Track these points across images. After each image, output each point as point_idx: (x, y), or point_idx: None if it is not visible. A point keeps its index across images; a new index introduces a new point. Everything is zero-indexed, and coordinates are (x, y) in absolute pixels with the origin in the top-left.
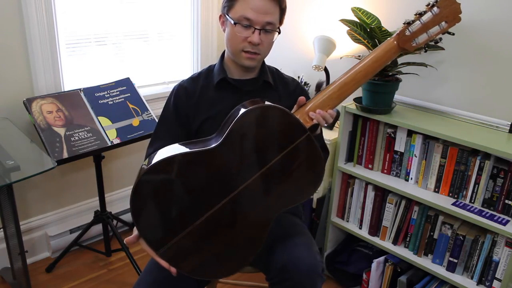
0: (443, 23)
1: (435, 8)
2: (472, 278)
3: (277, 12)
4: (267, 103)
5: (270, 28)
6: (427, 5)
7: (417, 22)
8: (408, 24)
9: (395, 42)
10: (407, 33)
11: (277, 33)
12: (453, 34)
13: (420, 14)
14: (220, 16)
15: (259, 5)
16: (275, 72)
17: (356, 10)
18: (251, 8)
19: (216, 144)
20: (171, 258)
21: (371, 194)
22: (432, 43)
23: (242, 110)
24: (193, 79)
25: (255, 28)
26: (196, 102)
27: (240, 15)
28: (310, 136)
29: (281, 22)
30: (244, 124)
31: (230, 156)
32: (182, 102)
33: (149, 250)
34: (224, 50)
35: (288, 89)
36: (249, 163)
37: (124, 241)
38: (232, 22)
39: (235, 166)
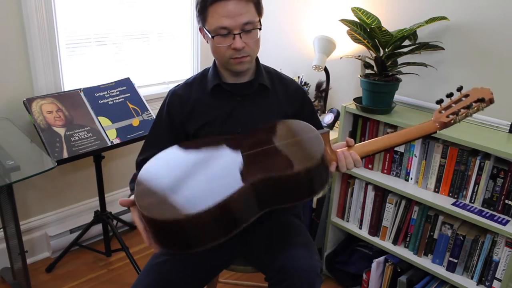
0: (473, 103)
1: (466, 97)
2: (472, 278)
3: (251, 8)
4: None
5: (250, 28)
6: (460, 92)
7: (451, 105)
8: (440, 105)
9: (435, 123)
10: (442, 112)
11: (259, 29)
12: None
13: (451, 99)
14: (200, 29)
15: (230, 10)
16: (274, 73)
17: (356, 10)
18: (224, 16)
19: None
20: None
21: (371, 194)
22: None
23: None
24: (187, 84)
25: (234, 34)
26: (191, 109)
27: (216, 26)
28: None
29: (260, 14)
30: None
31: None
32: (176, 110)
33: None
34: None
35: (288, 91)
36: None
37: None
38: (210, 35)
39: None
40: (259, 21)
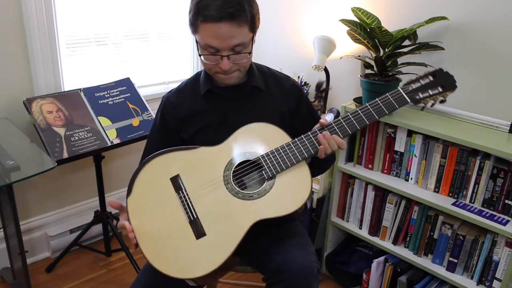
0: (439, 87)
1: (430, 77)
2: (472, 278)
3: (243, 29)
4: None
5: (240, 49)
6: (426, 73)
7: (418, 83)
8: (410, 81)
9: None
10: (410, 88)
11: (248, 53)
12: (445, 101)
13: (420, 77)
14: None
15: (220, 32)
16: (267, 72)
17: (356, 10)
18: (213, 37)
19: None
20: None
21: (371, 194)
22: (432, 101)
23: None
24: (179, 91)
25: (222, 56)
26: (184, 115)
27: (205, 43)
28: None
29: (254, 29)
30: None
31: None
32: (170, 117)
33: (124, 217)
34: None
35: (283, 88)
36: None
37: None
38: (198, 51)
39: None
40: (253, 37)
